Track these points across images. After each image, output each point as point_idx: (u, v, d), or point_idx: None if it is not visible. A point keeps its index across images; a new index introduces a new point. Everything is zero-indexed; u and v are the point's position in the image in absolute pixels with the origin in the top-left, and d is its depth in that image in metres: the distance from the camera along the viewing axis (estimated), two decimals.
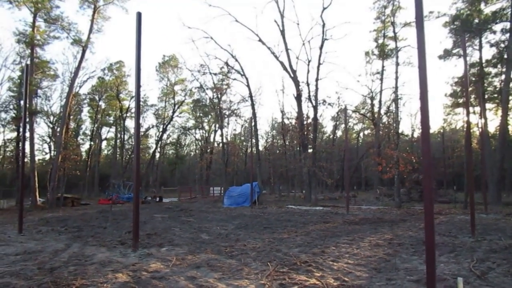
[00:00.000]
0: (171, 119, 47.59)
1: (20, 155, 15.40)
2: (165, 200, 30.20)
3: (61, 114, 31.73)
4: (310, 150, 28.77)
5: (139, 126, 7.90)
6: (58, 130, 28.54)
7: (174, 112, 46.91)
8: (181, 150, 61.48)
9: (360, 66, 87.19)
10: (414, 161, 22.38)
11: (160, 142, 50.34)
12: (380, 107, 32.30)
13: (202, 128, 52.51)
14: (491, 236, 8.91)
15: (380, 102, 32.37)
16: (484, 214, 14.98)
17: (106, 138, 54.53)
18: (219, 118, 34.25)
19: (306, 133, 27.60)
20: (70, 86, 27.90)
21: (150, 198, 28.65)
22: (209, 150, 47.45)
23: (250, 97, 31.50)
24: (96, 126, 47.84)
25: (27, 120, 21.10)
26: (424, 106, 4.03)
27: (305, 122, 28.14)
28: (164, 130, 48.45)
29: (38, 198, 23.42)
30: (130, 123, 48.57)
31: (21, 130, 17.25)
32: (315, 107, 28.00)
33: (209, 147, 48.37)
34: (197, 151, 60.01)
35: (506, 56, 24.93)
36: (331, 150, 45.98)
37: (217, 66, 42.75)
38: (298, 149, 33.39)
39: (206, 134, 53.17)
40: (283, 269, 5.58)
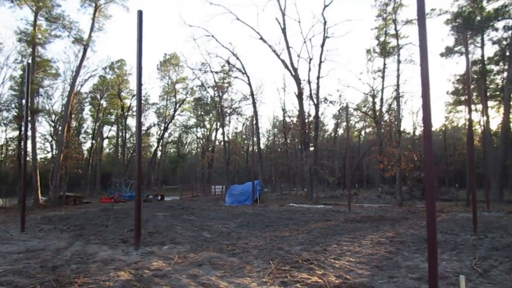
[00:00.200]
0: (173, 118, 47.63)
1: (22, 154, 15.44)
2: (166, 198, 30.24)
3: (62, 113, 31.84)
4: (311, 148, 28.74)
5: (141, 124, 7.91)
6: (60, 128, 28.59)
7: (175, 110, 46.95)
8: (182, 148, 61.53)
9: (361, 64, 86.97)
10: (415, 159, 22.34)
11: (161, 141, 50.41)
12: (381, 105, 32.21)
13: (204, 126, 52.56)
14: (493, 233, 8.90)
15: (381, 100, 32.27)
16: (486, 212, 14.96)
17: (107, 137, 54.64)
18: (221, 116, 34.28)
19: (307, 131, 27.55)
20: (72, 85, 27.96)
21: (151, 197, 28.69)
22: (210, 149, 47.54)
23: (252, 95, 31.48)
24: (97, 124, 47.91)
25: (29, 119, 21.08)
26: (426, 104, 4.02)
27: (306, 120, 28.09)
28: (165, 129, 48.52)
29: (40, 197, 23.48)
30: (131, 122, 48.65)
31: (23, 129, 17.30)
32: (317, 105, 27.97)
33: (210, 146, 48.48)
34: (198, 150, 60.08)
35: (508, 53, 24.84)
36: (333, 148, 46.02)
37: (218, 64, 42.82)
38: (300, 147, 33.38)
39: (208, 133, 53.22)
40: (285, 267, 5.59)
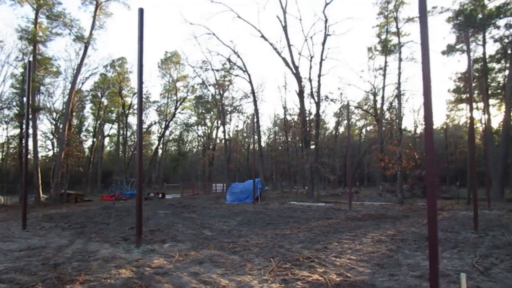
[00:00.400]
0: (174, 116, 47.62)
1: (23, 152, 15.48)
2: (167, 196, 30.27)
3: (63, 111, 31.86)
4: (312, 146, 28.71)
5: (142, 122, 7.91)
6: (61, 126, 28.58)
7: (176, 108, 46.94)
8: (183, 146, 61.56)
9: (362, 62, 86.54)
10: (416, 157, 22.30)
11: (162, 139, 50.40)
12: (382, 103, 32.15)
13: (205, 124, 52.51)
14: (494, 232, 8.90)
15: (382, 98, 32.24)
16: (487, 210, 14.96)
17: (108, 135, 54.72)
18: (221, 115, 34.24)
19: (308, 129, 27.51)
20: (73, 83, 27.96)
21: (152, 195, 28.73)
22: (211, 147, 47.53)
23: (253, 93, 31.43)
24: (98, 122, 47.94)
25: (30, 116, 21.15)
26: (427, 102, 4.01)
27: (307, 118, 28.04)
28: (166, 127, 48.52)
29: (41, 195, 23.52)
30: (132, 120, 48.66)
31: (24, 126, 17.31)
32: (318, 103, 27.92)
33: (211, 144, 48.45)
34: (199, 148, 60.10)
35: (510, 51, 24.75)
36: (334, 147, 46.01)
37: (219, 62, 42.83)
38: (300, 145, 33.35)
39: (209, 131, 53.19)
40: (286, 265, 5.60)
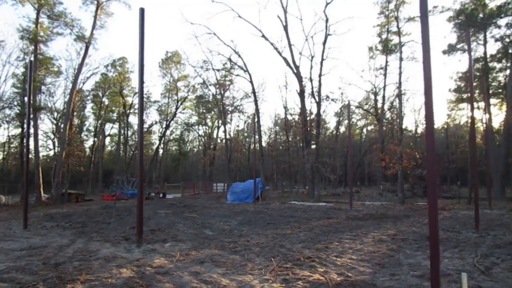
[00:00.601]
0: (174, 115, 47.65)
1: (24, 151, 15.49)
2: (168, 196, 30.32)
3: (64, 111, 31.90)
4: (313, 146, 28.67)
5: (143, 122, 7.92)
6: (62, 126, 28.64)
7: (177, 108, 46.96)
8: (184, 146, 61.58)
9: (363, 61, 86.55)
10: (417, 156, 22.29)
11: (163, 138, 50.43)
12: (383, 103, 32.17)
13: (205, 124, 52.54)
14: (495, 231, 8.89)
15: (383, 97, 32.25)
16: (488, 210, 14.94)
17: (109, 134, 54.79)
18: (222, 114, 34.21)
19: (309, 129, 27.48)
20: (74, 83, 27.99)
21: (153, 194, 28.76)
22: (212, 146, 47.55)
23: (253, 93, 31.40)
24: (99, 122, 48.00)
25: (31, 116, 21.19)
26: (428, 101, 4.00)
27: (308, 118, 28.01)
28: (167, 126, 48.55)
29: (42, 194, 23.57)
30: (133, 119, 48.77)
31: (25, 126, 17.33)
32: (318, 103, 27.88)
33: (212, 143, 48.47)
34: (200, 147, 60.13)
35: (511, 50, 24.72)
36: (334, 146, 46.00)
37: (220, 62, 42.69)
38: (301, 145, 33.34)
39: (209, 130, 53.21)
40: (287, 264, 5.60)
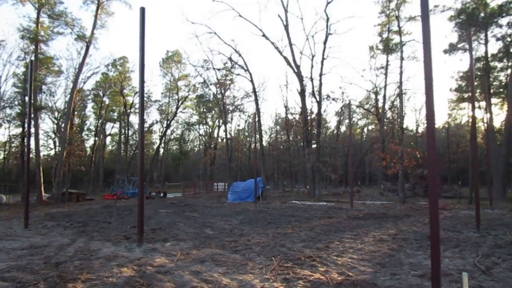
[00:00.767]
0: (175, 115, 47.68)
1: (25, 151, 15.50)
2: (169, 195, 30.32)
3: (65, 110, 31.87)
4: (314, 146, 28.67)
5: (143, 121, 7.92)
6: (63, 125, 28.67)
7: (177, 107, 46.98)
8: (185, 145, 61.63)
9: (364, 60, 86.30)
10: (418, 156, 22.27)
11: (164, 138, 50.48)
12: (384, 102, 32.13)
13: (206, 123, 52.56)
14: (496, 231, 8.88)
15: (384, 97, 32.19)
16: (489, 209, 14.93)
17: (110, 134, 54.73)
18: (223, 114, 34.19)
19: (310, 128, 27.48)
20: (74, 82, 27.99)
21: (154, 194, 28.76)
22: (213, 146, 47.58)
23: (254, 92, 31.37)
24: (100, 121, 47.98)
25: (32, 116, 21.21)
26: (429, 101, 4.00)
27: (309, 118, 28.00)
28: (168, 126, 48.58)
29: (43, 194, 23.59)
30: (134, 119, 48.76)
31: (26, 126, 17.34)
32: (319, 102, 27.88)
33: (213, 143, 48.49)
34: (201, 147, 60.17)
35: None
36: (335, 146, 45.95)
37: (220, 61, 42.84)
38: (302, 144, 33.30)
39: (210, 130, 53.24)
40: (287, 264, 5.60)
